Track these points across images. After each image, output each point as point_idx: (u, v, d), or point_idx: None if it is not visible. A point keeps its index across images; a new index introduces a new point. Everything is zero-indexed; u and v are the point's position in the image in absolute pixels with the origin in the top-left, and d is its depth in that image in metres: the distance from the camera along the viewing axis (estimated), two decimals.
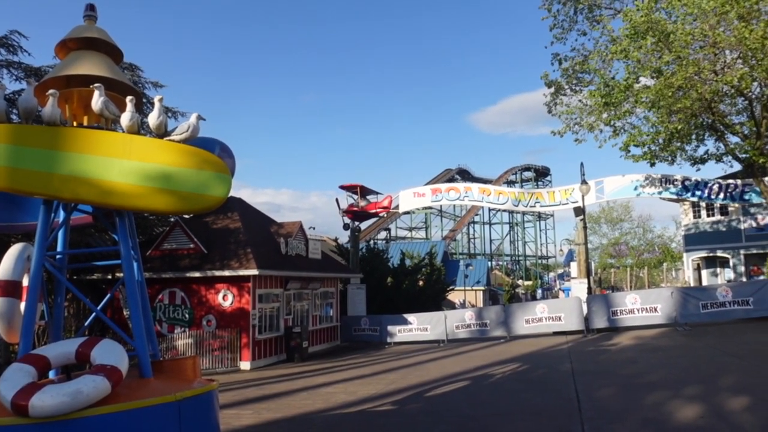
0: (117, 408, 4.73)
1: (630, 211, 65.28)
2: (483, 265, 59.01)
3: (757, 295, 18.70)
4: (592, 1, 22.65)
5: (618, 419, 8.06)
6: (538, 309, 21.55)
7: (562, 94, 23.74)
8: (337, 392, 12.29)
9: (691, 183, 25.57)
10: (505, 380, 12.50)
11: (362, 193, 29.80)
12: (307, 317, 22.76)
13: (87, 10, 6.51)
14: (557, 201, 27.91)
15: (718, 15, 16.98)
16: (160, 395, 5.11)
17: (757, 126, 20.25)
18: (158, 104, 5.94)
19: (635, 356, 14.35)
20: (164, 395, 5.11)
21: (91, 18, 6.52)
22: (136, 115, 5.81)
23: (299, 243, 22.89)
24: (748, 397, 8.68)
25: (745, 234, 31.36)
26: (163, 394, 5.13)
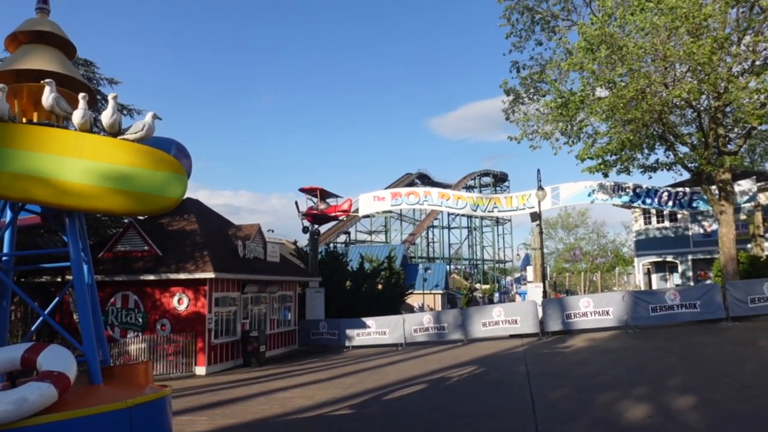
0: (64, 416, 4.56)
1: (586, 217, 66.99)
2: (442, 269, 59.48)
3: (704, 299, 19.42)
4: (549, 13, 23.24)
5: (571, 419, 8.25)
6: (495, 312, 21.85)
7: (520, 102, 24.24)
8: (295, 397, 12.18)
9: (642, 190, 26.38)
10: (462, 383, 12.62)
11: (322, 196, 29.68)
12: (264, 321, 22.50)
13: (39, 3, 6.29)
14: (514, 206, 28.37)
15: (669, 30, 17.62)
16: (110, 402, 4.96)
17: (704, 137, 21.06)
18: (112, 102, 5.79)
19: (588, 358, 14.71)
20: (114, 402, 4.96)
21: (44, 11, 6.30)
22: (89, 113, 5.65)
23: (257, 246, 22.62)
24: (693, 396, 9.01)
25: (692, 240, 32.59)
26: (114, 401, 4.98)
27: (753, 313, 18.94)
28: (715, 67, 17.91)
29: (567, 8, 23.12)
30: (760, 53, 19.54)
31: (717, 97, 19.50)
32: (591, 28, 18.74)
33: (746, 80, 18.66)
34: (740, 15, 19.54)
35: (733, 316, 18.84)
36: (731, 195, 21.76)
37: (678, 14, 17.18)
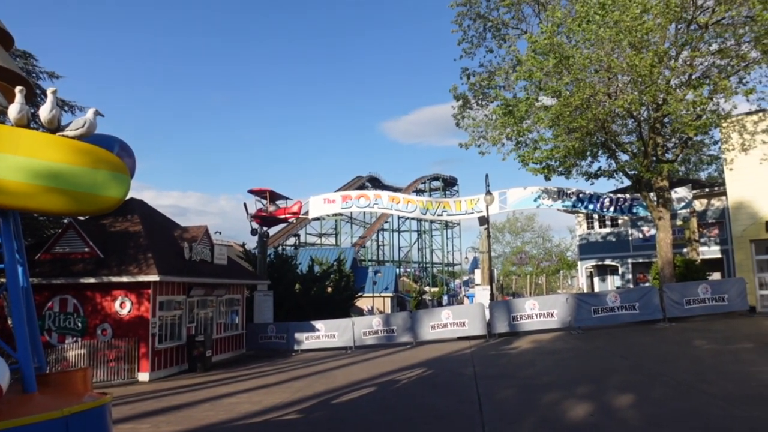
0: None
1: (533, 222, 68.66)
2: (391, 272, 59.75)
3: (643, 301, 20.18)
4: (500, 21, 23.75)
5: (516, 420, 8.41)
6: (444, 315, 22.08)
7: (469, 107, 24.65)
8: (242, 402, 11.96)
9: (585, 196, 27.22)
10: (411, 385, 12.69)
11: (271, 198, 29.32)
12: (211, 325, 22.02)
13: None
14: (463, 210, 28.76)
15: (613, 42, 18.27)
16: (46, 411, 4.74)
17: (644, 146, 21.92)
18: (51, 96, 5.55)
19: (533, 359, 15.05)
20: (50, 411, 4.74)
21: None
22: (27, 107, 5.40)
23: (204, 248, 22.13)
24: (633, 395, 9.34)
25: (632, 244, 33.86)
26: (49, 410, 4.76)
27: (688, 314, 19.81)
28: (655, 80, 18.67)
29: (517, 17, 23.71)
30: (696, 67, 20.52)
31: (656, 108, 20.34)
32: (540, 38, 19.25)
33: (683, 93, 19.54)
34: (679, 31, 20.47)
35: (669, 317, 19.65)
36: (668, 202, 22.72)
37: (622, 27, 17.83)
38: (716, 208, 30.07)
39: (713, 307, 19.73)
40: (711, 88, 19.74)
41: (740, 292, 19.69)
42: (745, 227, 21.10)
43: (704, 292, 19.86)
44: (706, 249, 29.82)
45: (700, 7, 19.60)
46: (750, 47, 19.48)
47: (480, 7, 23.69)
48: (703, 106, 19.46)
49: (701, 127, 19.90)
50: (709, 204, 30.44)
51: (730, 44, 19.85)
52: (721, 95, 19.83)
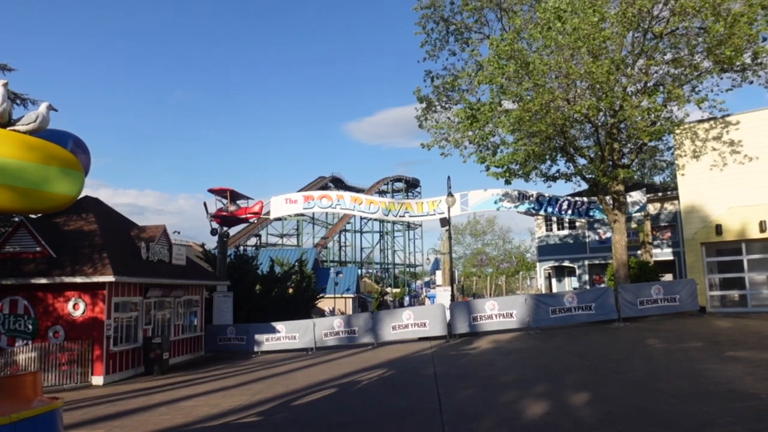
0: None
1: (494, 224, 69.62)
2: (353, 273, 59.68)
3: (599, 301, 20.68)
4: (463, 25, 24.02)
5: (476, 419, 8.51)
6: (405, 316, 22.17)
7: (432, 110, 24.85)
8: (199, 405, 11.76)
9: (544, 199, 27.77)
10: (372, 386, 12.70)
11: (232, 198, 28.90)
12: (168, 327, 21.57)
13: None
14: (425, 212, 28.97)
15: (572, 49, 18.70)
16: None
17: (601, 150, 22.49)
18: (2, 89, 5.33)
19: (492, 359, 15.25)
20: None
21: None
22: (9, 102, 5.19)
23: (162, 248, 21.66)
24: (588, 393, 9.56)
25: (589, 246, 34.69)
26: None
27: (642, 314, 20.39)
28: (611, 86, 19.19)
29: (480, 21, 24.01)
30: (651, 76, 21.18)
31: (613, 114, 20.90)
32: (501, 43, 19.55)
33: (639, 100, 20.14)
34: (635, 40, 21.07)
35: (624, 317, 20.19)
36: (624, 205, 23.36)
37: (580, 35, 18.27)
38: (669, 211, 31.06)
39: (665, 307, 20.36)
40: (665, 96, 20.41)
41: (691, 292, 20.38)
42: (696, 230, 21.86)
43: (657, 293, 20.47)
44: (659, 251, 30.78)
45: (655, 17, 20.23)
46: (702, 57, 20.21)
47: (444, 10, 23.93)
48: (658, 113, 20.11)
49: (655, 133, 20.56)
50: (662, 208, 31.43)
51: (684, 54, 20.56)
52: (675, 103, 20.54)
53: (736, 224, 20.94)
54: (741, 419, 7.18)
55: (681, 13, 18.91)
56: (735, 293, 21.97)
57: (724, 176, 21.24)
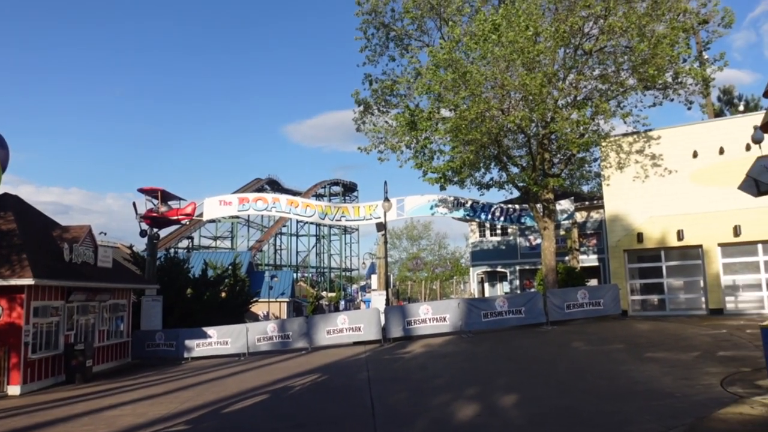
0: None
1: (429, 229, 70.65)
2: (288, 277, 59.07)
3: (528, 305, 21.33)
4: (404, 32, 24.31)
5: (408, 422, 8.60)
6: (339, 320, 22.11)
7: (370, 113, 24.98)
8: (124, 415, 11.30)
9: (478, 206, 28.46)
10: (305, 391, 12.60)
11: (164, 198, 27.96)
12: (92, 333, 20.60)
13: None
14: (362, 216, 29.06)
15: (507, 62, 19.29)
16: None
17: (533, 160, 23.26)
18: None
19: (425, 362, 15.44)
20: None
21: None
22: None
23: (87, 249, 20.68)
24: (517, 394, 9.85)
25: (520, 252, 35.80)
26: None
27: (569, 317, 21.18)
28: (544, 99, 19.91)
29: (421, 29, 24.36)
30: (581, 90, 22.13)
31: (545, 126, 21.68)
32: (440, 52, 19.92)
33: (569, 112, 21.00)
34: (567, 55, 21.99)
35: (552, 320, 20.90)
36: (553, 213, 24.25)
37: (515, 48, 18.88)
38: (595, 220, 32.48)
39: (591, 311, 21.24)
40: (593, 109, 21.38)
41: (614, 297, 21.36)
42: (620, 238, 22.94)
43: (583, 297, 21.34)
44: (585, 257, 32.12)
45: (586, 35, 21.17)
46: (628, 75, 21.33)
47: (385, 16, 24.12)
48: (586, 125, 21.06)
49: (584, 145, 21.49)
50: (589, 216, 32.84)
51: (611, 71, 21.62)
52: (602, 117, 21.58)
53: (656, 233, 22.14)
54: (658, 417, 7.59)
55: (609, 32, 19.88)
56: (654, 297, 23.18)
57: (646, 187, 22.42)
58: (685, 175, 21.76)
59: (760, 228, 20.07)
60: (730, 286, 21.32)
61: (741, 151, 19.62)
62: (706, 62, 22.03)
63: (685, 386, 9.40)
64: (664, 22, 19.87)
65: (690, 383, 9.62)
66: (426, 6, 22.79)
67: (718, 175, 20.75)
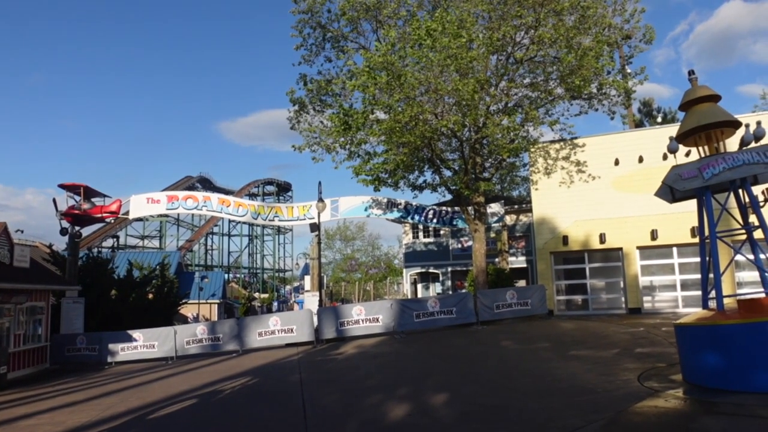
0: None
1: (363, 230, 70.80)
2: (219, 278, 57.71)
3: (459, 306, 21.77)
4: (340, 33, 24.31)
5: (339, 424, 8.61)
6: (271, 322, 21.83)
7: (305, 112, 24.82)
8: (41, 424, 10.72)
9: (412, 207, 28.83)
10: (235, 395, 12.37)
11: (86, 195, 26.65)
12: (7, 337, 19.40)
13: None
14: (295, 216, 28.81)
15: (441, 66, 19.65)
16: None
17: (465, 164, 23.79)
18: None
19: (358, 363, 15.49)
20: None
21: None
22: None
23: (2, 248, 19.47)
24: (447, 393, 10.05)
25: (452, 253, 36.49)
26: None
27: (498, 317, 21.77)
28: (476, 104, 20.42)
29: (357, 31, 24.44)
30: (512, 97, 22.87)
31: (476, 130, 22.23)
32: (375, 55, 20.05)
33: (500, 118, 21.64)
34: (499, 62, 22.66)
35: (482, 320, 21.43)
36: (484, 216, 24.89)
37: (449, 53, 19.26)
38: (524, 223, 33.57)
39: (519, 311, 21.93)
40: (523, 116, 22.14)
41: (541, 297, 22.14)
42: (546, 241, 23.83)
43: (511, 298, 22.00)
44: (514, 259, 33.13)
45: (518, 44, 21.87)
46: (556, 84, 22.23)
47: (321, 17, 24.06)
48: (516, 132, 21.77)
49: (513, 150, 22.19)
50: (518, 219, 33.91)
51: (540, 80, 22.45)
52: (531, 124, 22.40)
53: (580, 236, 23.14)
54: (581, 412, 7.96)
55: (539, 42, 20.64)
56: (578, 298, 24.22)
57: (571, 192, 23.40)
58: (607, 181, 22.87)
59: (674, 232, 21.37)
60: (647, 286, 22.57)
61: (658, 159, 20.83)
62: (629, 75, 23.29)
63: (606, 382, 9.89)
64: (591, 35, 20.84)
65: (610, 379, 10.12)
66: (362, 8, 22.90)
67: (638, 182, 21.96)
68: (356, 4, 22.69)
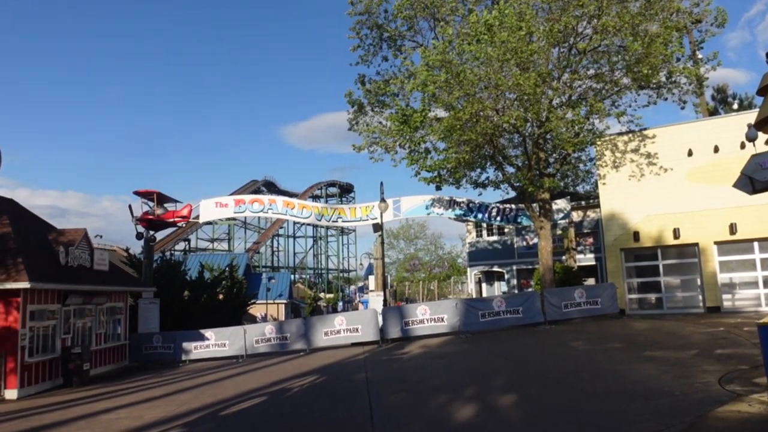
0: None
1: (425, 229, 70.65)
2: (286, 279, 58.97)
3: (526, 305, 21.35)
4: (397, 32, 24.31)
5: (405, 423, 8.59)
6: (337, 321, 22.08)
7: (363, 113, 24.95)
8: (121, 418, 11.27)
9: (475, 205, 28.47)
10: (303, 393, 12.58)
11: (159, 201, 27.88)
12: (89, 336, 20.54)
13: None
14: (358, 217, 29.05)
15: (501, 61, 19.29)
16: None
17: (528, 159, 23.28)
18: None
19: (424, 363, 15.44)
20: None
21: None
22: None
23: (83, 252, 20.62)
24: (515, 394, 9.85)
25: (517, 252, 35.80)
26: None
27: (566, 317, 21.20)
28: (538, 98, 19.93)
29: (414, 29, 24.38)
30: (575, 89, 22.16)
31: (539, 125, 21.71)
32: (433, 53, 19.91)
33: (564, 112, 21.04)
34: (561, 54, 22.02)
35: (549, 320, 20.91)
36: (549, 212, 24.27)
37: (508, 48, 18.89)
38: (591, 219, 32.52)
39: (588, 310, 21.26)
40: (588, 109, 21.42)
41: (611, 296, 21.38)
42: (616, 237, 22.98)
43: (580, 297, 21.35)
44: (582, 257, 32.14)
45: (580, 34, 21.19)
46: (622, 74, 21.38)
47: (378, 17, 24.14)
48: (581, 125, 21.08)
49: (578, 144, 21.51)
50: (585, 215, 32.87)
51: (605, 70, 21.67)
52: (596, 116, 21.61)
53: (652, 231, 22.18)
54: (657, 416, 7.60)
55: (603, 31, 19.91)
56: (652, 296, 23.22)
57: (642, 186, 22.46)
58: (680, 173, 21.81)
59: (755, 225, 20.14)
60: (726, 284, 21.37)
61: (736, 149, 19.66)
62: (700, 61, 22.09)
63: (684, 385, 9.42)
64: (657, 21, 19.91)
65: (688, 381, 9.63)
66: (419, 6, 22.81)
67: (714, 174, 20.81)
68: (413, 3, 22.63)
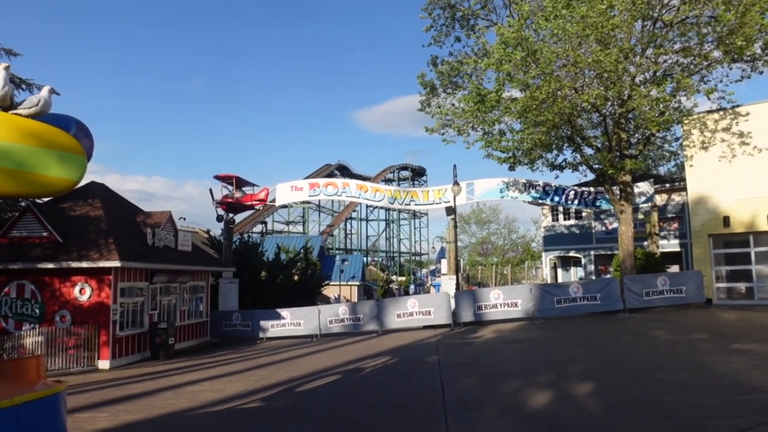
0: None
1: (498, 212, 69.42)
2: (358, 261, 59.77)
3: (604, 292, 20.61)
4: (470, 11, 23.77)
5: (478, 408, 8.50)
6: (410, 304, 22.18)
7: (435, 95, 24.63)
8: (204, 390, 11.82)
9: (551, 188, 27.65)
10: (375, 373, 12.73)
11: (238, 185, 28.91)
12: (174, 312, 21.68)
13: None
14: (431, 200, 28.92)
15: (579, 38, 18.48)
16: None
17: (609, 140, 22.30)
18: (3, 72, 5.28)
19: (497, 348, 15.24)
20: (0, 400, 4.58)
21: None
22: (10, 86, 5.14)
23: (168, 234, 21.72)
24: (592, 383, 9.53)
25: (595, 237, 34.56)
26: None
27: (647, 305, 20.32)
28: (620, 76, 18.97)
29: (487, 8, 23.75)
30: (660, 65, 20.91)
31: (621, 104, 20.69)
32: (508, 30, 19.33)
33: (647, 89, 19.90)
34: (644, 28, 20.80)
35: (629, 307, 20.12)
36: (631, 196, 23.19)
37: (588, 23, 18.04)
38: (676, 203, 30.87)
39: (671, 298, 20.27)
40: (674, 85, 20.17)
41: (698, 284, 20.27)
42: (704, 222, 21.70)
43: (663, 284, 20.38)
44: (665, 242, 30.63)
45: (666, 6, 19.96)
46: (712, 47, 19.95)
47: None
48: (666, 103, 19.88)
49: (664, 123, 20.35)
50: (670, 199, 31.23)
51: (694, 43, 20.29)
52: (684, 93, 20.30)
53: (744, 216, 20.77)
54: (745, 412, 7.14)
55: (692, 1, 18.64)
56: (742, 285, 21.83)
57: (733, 168, 21.05)
58: None
59: None
60: None
61: None
62: None
63: None
64: None
65: None
66: None
67: None
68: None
